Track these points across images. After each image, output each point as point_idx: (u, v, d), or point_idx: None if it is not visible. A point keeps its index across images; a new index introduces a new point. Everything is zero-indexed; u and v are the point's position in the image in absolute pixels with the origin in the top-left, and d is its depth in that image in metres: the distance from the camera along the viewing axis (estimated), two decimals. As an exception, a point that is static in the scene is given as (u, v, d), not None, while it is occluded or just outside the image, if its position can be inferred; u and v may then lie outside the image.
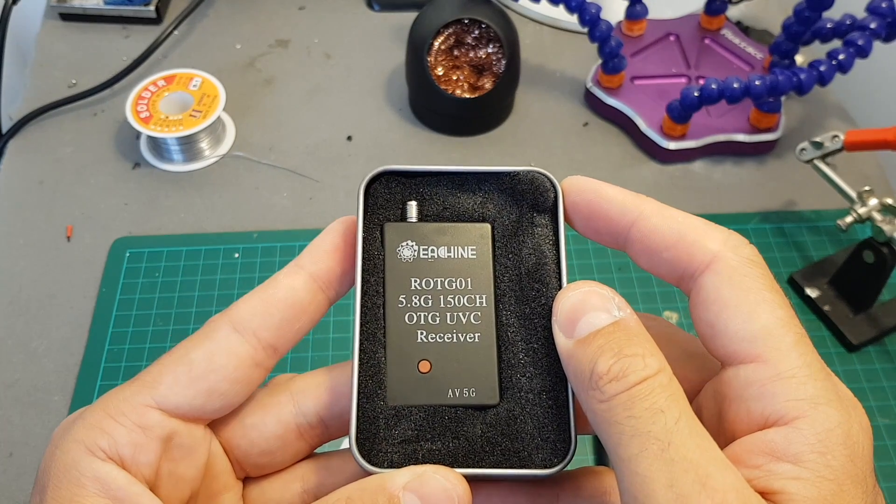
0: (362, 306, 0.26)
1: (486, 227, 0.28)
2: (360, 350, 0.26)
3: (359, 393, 0.25)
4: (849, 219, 0.53)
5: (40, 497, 0.23)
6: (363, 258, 0.27)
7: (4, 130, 0.68)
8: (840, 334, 0.55)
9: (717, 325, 0.23)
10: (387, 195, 0.28)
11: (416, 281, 0.27)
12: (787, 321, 0.23)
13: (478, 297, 0.27)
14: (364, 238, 0.27)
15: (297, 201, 0.63)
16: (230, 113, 0.69)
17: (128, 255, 0.59)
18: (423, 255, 0.28)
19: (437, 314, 0.27)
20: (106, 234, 0.61)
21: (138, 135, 0.67)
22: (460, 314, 0.27)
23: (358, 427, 0.25)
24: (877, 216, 0.53)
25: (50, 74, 0.72)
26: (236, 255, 0.59)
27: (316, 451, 0.28)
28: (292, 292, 0.26)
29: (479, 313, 0.27)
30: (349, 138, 0.68)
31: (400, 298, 0.27)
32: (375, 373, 0.26)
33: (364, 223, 0.27)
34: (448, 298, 0.27)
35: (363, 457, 0.25)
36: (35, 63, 0.73)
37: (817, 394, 0.22)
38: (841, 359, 0.55)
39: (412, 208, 0.28)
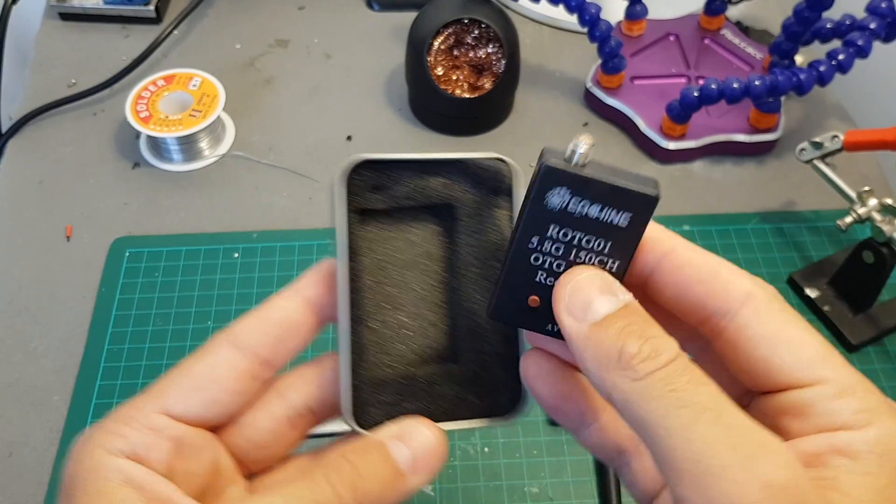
0: (351, 291, 0.29)
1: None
2: (351, 331, 0.29)
3: (347, 368, 0.28)
4: (848, 219, 0.54)
5: (68, 499, 0.26)
6: (349, 246, 0.29)
7: (4, 130, 0.68)
8: (840, 334, 0.55)
9: (773, 357, 0.25)
10: (359, 181, 0.30)
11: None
12: (828, 345, 0.26)
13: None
14: (348, 224, 0.29)
15: (296, 201, 0.63)
16: (230, 113, 0.69)
17: (127, 254, 0.59)
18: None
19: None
20: (105, 234, 0.61)
21: (138, 134, 0.67)
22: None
23: (350, 397, 0.28)
24: (876, 216, 0.53)
25: (50, 74, 0.72)
26: (236, 255, 0.59)
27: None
28: (287, 314, 0.29)
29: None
30: (349, 138, 0.68)
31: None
32: (357, 348, 0.29)
33: (346, 209, 0.29)
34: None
35: (355, 421, 0.28)
36: (35, 63, 0.73)
37: (877, 406, 0.24)
38: (840, 359, 0.55)
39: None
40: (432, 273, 0.31)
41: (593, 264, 0.27)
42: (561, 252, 0.28)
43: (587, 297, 0.26)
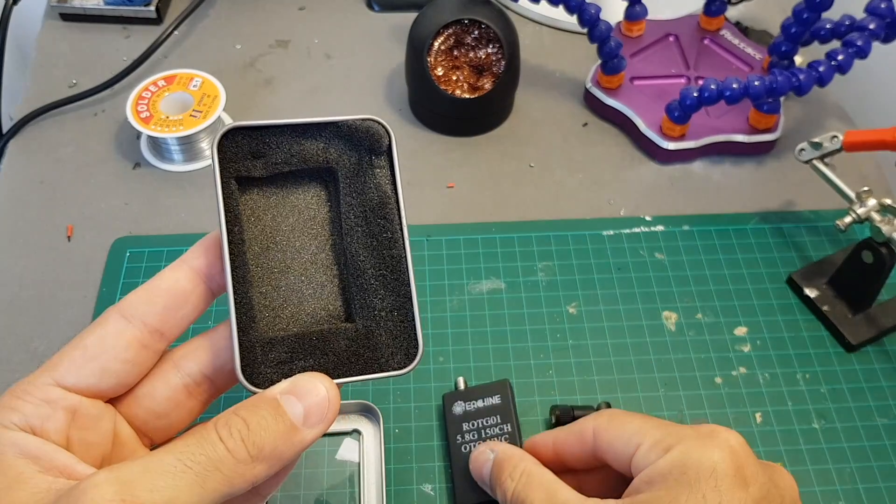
0: (231, 254, 0.30)
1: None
2: (234, 293, 0.29)
3: (237, 329, 0.29)
4: (847, 219, 0.54)
5: None
6: (225, 210, 0.30)
7: (5, 130, 0.68)
8: (839, 334, 0.55)
9: (612, 449, 0.36)
10: (235, 149, 0.30)
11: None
12: (647, 422, 0.35)
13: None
14: (223, 191, 0.30)
15: (297, 201, 0.63)
16: (230, 113, 0.69)
17: (128, 254, 0.59)
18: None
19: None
20: (106, 234, 0.61)
21: (139, 135, 0.67)
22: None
23: (241, 357, 0.29)
24: (875, 216, 0.53)
25: (50, 74, 0.72)
26: (236, 255, 0.60)
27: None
28: (175, 283, 0.30)
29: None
30: (349, 138, 0.68)
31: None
32: (248, 310, 0.30)
33: (221, 176, 0.30)
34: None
35: (247, 380, 0.29)
36: (35, 63, 0.73)
37: (676, 441, 0.33)
38: (839, 359, 0.55)
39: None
40: (319, 236, 0.32)
41: (494, 436, 0.45)
42: (476, 437, 0.45)
43: (480, 465, 0.40)
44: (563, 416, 0.49)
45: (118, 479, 0.24)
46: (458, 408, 0.48)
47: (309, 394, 0.28)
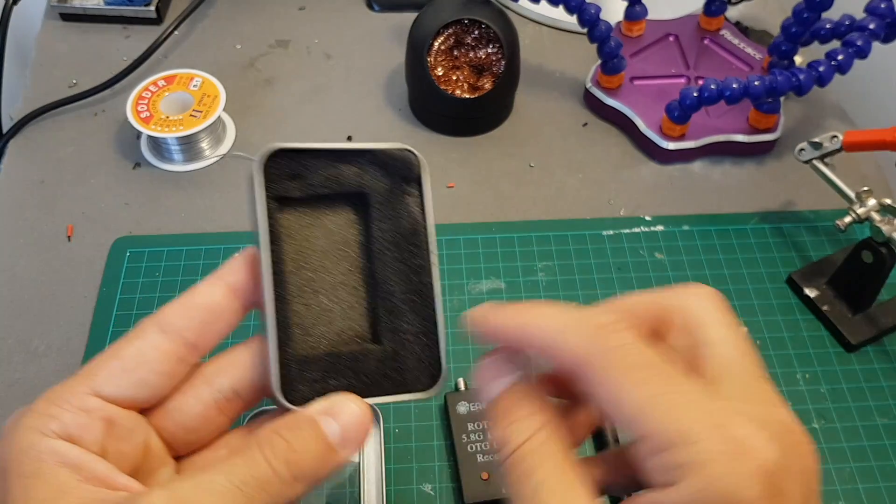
0: (274, 273, 0.30)
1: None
2: (276, 313, 0.30)
3: (274, 348, 0.30)
4: (847, 219, 0.54)
5: (2, 479, 0.26)
6: (270, 229, 0.30)
7: (5, 130, 0.68)
8: (839, 334, 0.55)
9: (615, 418, 0.28)
10: (276, 170, 0.31)
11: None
12: (664, 388, 0.27)
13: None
14: (266, 210, 0.31)
15: (297, 201, 0.63)
16: (230, 113, 0.69)
17: (128, 254, 0.59)
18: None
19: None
20: (106, 234, 0.61)
21: (139, 135, 0.67)
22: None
23: (279, 374, 0.29)
24: (875, 216, 0.53)
25: (50, 74, 0.72)
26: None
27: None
28: (211, 298, 0.30)
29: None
30: (349, 138, 0.68)
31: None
32: (284, 328, 0.30)
33: (265, 196, 0.31)
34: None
35: (284, 397, 0.29)
36: (35, 63, 0.73)
37: (689, 460, 0.25)
38: (839, 359, 0.55)
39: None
40: (348, 258, 0.33)
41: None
42: (482, 437, 0.45)
43: (481, 383, 0.31)
44: None
45: (175, 498, 0.25)
46: (463, 408, 0.49)
47: (345, 414, 0.29)
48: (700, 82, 0.64)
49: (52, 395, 0.28)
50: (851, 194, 0.55)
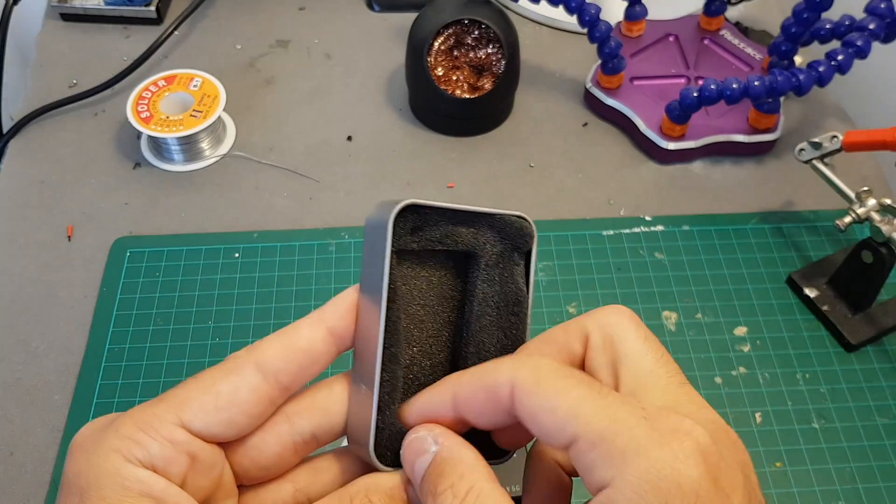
0: (386, 331, 0.29)
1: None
2: (382, 372, 0.29)
3: (375, 409, 0.29)
4: (847, 219, 0.54)
5: (80, 499, 0.25)
6: (389, 285, 0.29)
7: (5, 130, 0.68)
8: (839, 334, 0.55)
9: (542, 430, 0.27)
10: (403, 223, 0.30)
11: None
12: (584, 394, 0.26)
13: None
14: (389, 264, 0.30)
15: (297, 201, 0.63)
16: (230, 113, 0.69)
17: (128, 254, 0.59)
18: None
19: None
20: (106, 234, 0.61)
21: (139, 135, 0.67)
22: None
23: (373, 436, 0.29)
24: (875, 216, 0.53)
25: (51, 74, 0.72)
26: (236, 255, 0.60)
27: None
28: (312, 344, 0.29)
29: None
30: (349, 138, 0.68)
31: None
32: (390, 392, 0.30)
33: (391, 249, 0.30)
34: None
35: (378, 460, 0.29)
36: (36, 63, 0.73)
37: (617, 455, 0.24)
38: (839, 359, 0.55)
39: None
40: (443, 315, 0.32)
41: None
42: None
43: (409, 458, 0.29)
44: None
45: None
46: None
47: None
48: (700, 82, 0.64)
49: (140, 420, 0.27)
50: (851, 194, 0.55)
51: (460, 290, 0.33)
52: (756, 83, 0.60)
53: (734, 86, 0.60)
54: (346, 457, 0.30)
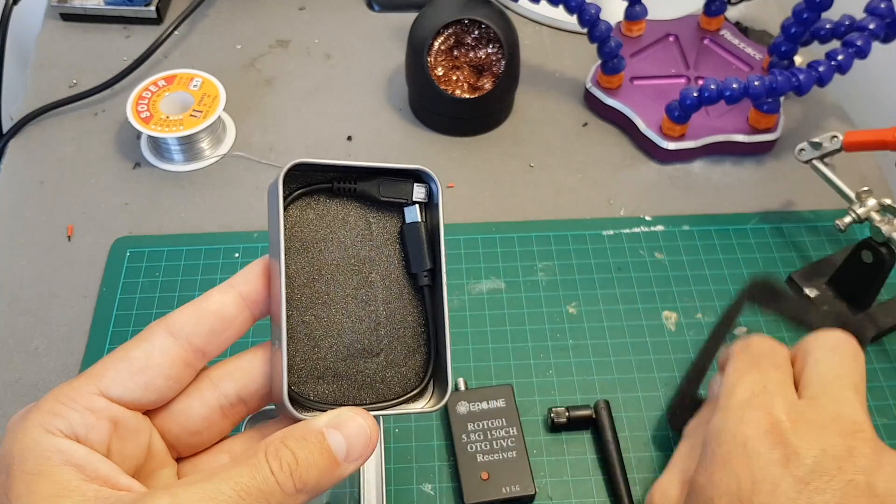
0: (288, 285, 0.31)
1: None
2: (286, 324, 0.30)
3: (285, 360, 0.30)
4: (847, 219, 0.54)
5: (6, 475, 0.26)
6: (284, 241, 0.31)
7: (5, 130, 0.68)
8: (838, 334, 0.55)
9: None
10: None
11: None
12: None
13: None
14: (284, 221, 0.31)
15: (297, 201, 0.63)
16: (230, 113, 0.69)
17: (128, 254, 0.59)
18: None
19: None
20: (106, 234, 0.61)
21: (139, 135, 0.67)
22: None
23: (287, 383, 0.30)
24: (875, 216, 0.53)
25: (50, 74, 0.72)
26: (236, 255, 0.60)
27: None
28: (222, 306, 0.31)
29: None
30: (349, 138, 0.68)
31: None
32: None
33: (283, 204, 0.31)
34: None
35: (292, 405, 0.29)
36: (35, 63, 0.73)
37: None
38: (839, 358, 0.55)
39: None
40: (361, 272, 0.33)
41: (501, 438, 0.47)
42: (482, 437, 0.47)
43: None
44: (556, 417, 0.49)
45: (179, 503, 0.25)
46: (463, 407, 0.49)
47: (351, 428, 0.29)
48: (700, 82, 0.64)
49: (60, 394, 0.28)
50: (851, 194, 0.55)
51: (374, 246, 0.34)
52: (756, 83, 0.60)
53: (734, 86, 0.60)
54: (282, 424, 0.31)
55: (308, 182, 0.32)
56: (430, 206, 0.34)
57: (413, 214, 0.34)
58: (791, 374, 0.38)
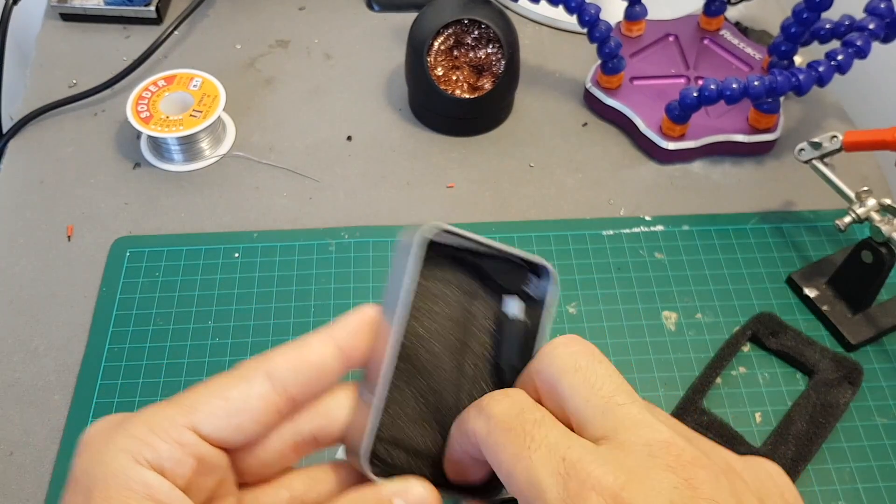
0: (401, 351, 0.30)
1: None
2: (385, 392, 0.30)
3: (375, 422, 0.30)
4: (847, 219, 0.54)
5: (85, 498, 0.26)
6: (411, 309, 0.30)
7: (5, 130, 0.68)
8: (838, 334, 0.55)
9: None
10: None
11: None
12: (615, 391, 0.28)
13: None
14: (415, 290, 0.31)
15: (296, 201, 0.63)
16: (230, 113, 0.69)
17: (128, 254, 0.59)
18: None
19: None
20: (106, 234, 0.61)
21: (139, 135, 0.67)
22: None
23: (369, 446, 0.30)
24: (875, 216, 0.53)
25: (50, 74, 0.72)
26: (236, 255, 0.60)
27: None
28: (322, 358, 0.30)
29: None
30: (349, 138, 0.68)
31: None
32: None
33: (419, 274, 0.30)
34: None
35: (371, 470, 0.29)
36: (35, 63, 0.73)
37: None
38: (839, 358, 0.55)
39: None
40: (459, 350, 0.32)
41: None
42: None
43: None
44: None
45: None
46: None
47: (413, 496, 0.29)
48: (700, 82, 0.64)
49: (151, 421, 0.28)
50: (851, 194, 0.55)
51: (480, 327, 0.33)
52: (756, 83, 0.60)
53: (734, 86, 0.60)
54: (343, 469, 0.31)
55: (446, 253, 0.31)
56: (535, 301, 0.33)
57: (514, 307, 0.33)
58: (561, 425, 0.29)
